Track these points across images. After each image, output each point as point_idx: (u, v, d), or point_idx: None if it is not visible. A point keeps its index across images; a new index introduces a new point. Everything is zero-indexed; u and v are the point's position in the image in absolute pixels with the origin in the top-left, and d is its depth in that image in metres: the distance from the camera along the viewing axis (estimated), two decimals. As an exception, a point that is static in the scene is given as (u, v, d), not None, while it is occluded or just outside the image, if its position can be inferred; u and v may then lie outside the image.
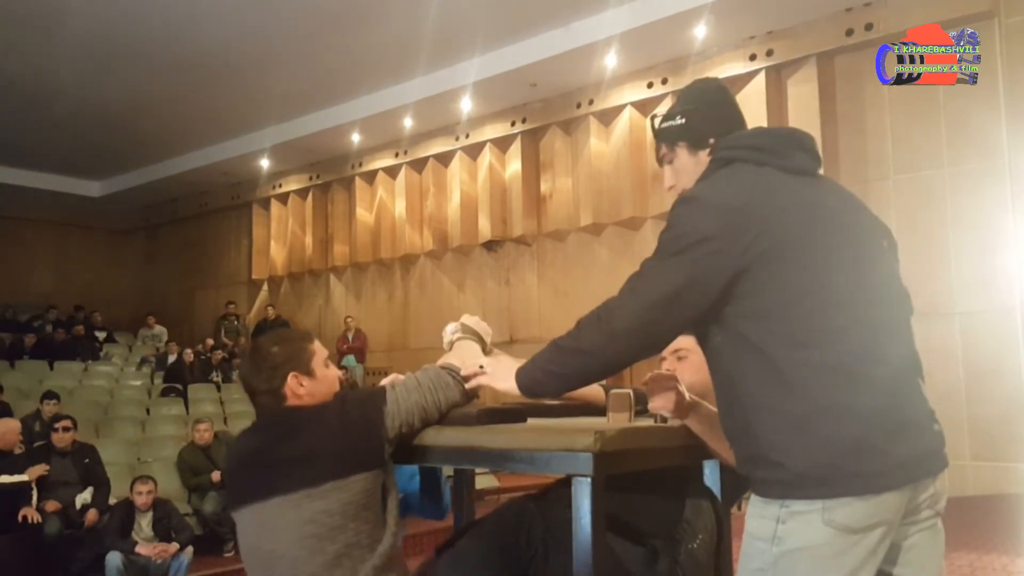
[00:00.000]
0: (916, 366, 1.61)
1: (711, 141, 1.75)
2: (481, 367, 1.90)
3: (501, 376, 1.84)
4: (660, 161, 1.87)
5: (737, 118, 1.78)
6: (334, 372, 2.03)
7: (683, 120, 1.79)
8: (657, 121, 1.88)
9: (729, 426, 1.66)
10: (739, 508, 1.68)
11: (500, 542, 1.96)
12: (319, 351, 2.01)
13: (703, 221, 1.56)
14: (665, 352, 2.34)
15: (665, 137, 1.83)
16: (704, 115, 1.77)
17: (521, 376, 1.78)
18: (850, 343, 1.52)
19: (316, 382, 1.96)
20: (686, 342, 2.29)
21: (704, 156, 1.75)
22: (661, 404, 1.87)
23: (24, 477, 5.78)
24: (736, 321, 1.58)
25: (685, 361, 2.22)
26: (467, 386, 1.92)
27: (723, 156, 1.69)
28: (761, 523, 1.54)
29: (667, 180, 1.85)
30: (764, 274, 1.53)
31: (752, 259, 1.53)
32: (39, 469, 5.80)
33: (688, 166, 1.79)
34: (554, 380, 1.75)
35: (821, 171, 1.71)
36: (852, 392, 1.49)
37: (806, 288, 1.53)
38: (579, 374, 1.74)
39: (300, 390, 1.93)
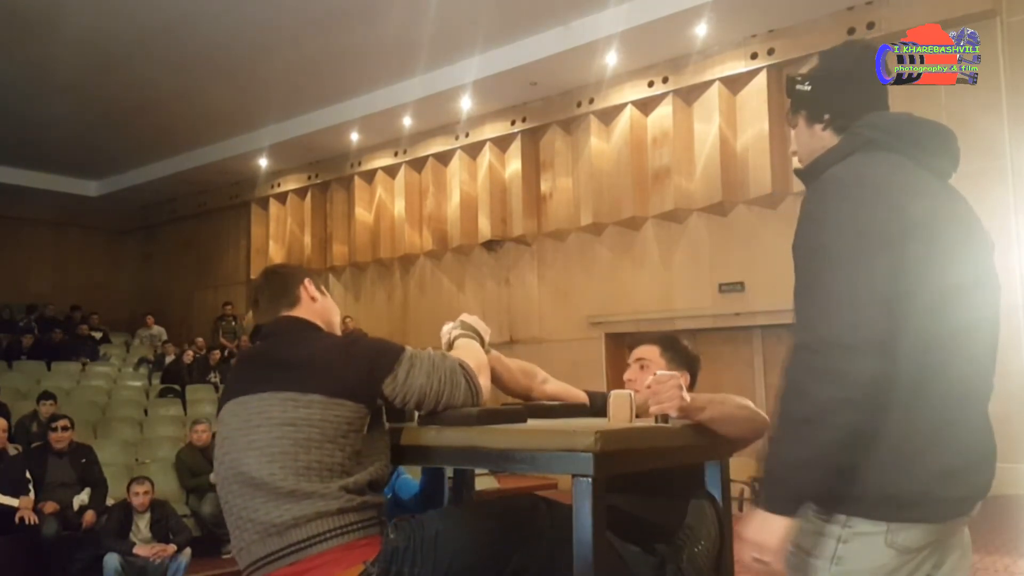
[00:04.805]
0: (990, 393, 1.58)
1: (826, 117, 1.63)
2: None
3: (761, 523, 1.47)
4: (787, 121, 1.74)
5: (868, 97, 1.63)
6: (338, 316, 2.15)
7: (809, 87, 1.66)
8: (795, 81, 1.72)
9: None
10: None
11: (504, 517, 1.93)
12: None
13: (854, 212, 1.44)
14: (630, 359, 2.34)
15: (791, 99, 1.70)
16: (830, 87, 1.64)
17: (773, 493, 1.45)
18: (959, 376, 1.48)
19: (326, 298, 2.08)
20: (648, 352, 2.30)
21: (819, 131, 1.64)
22: (668, 405, 1.85)
23: (15, 503, 5.76)
24: None
25: (647, 370, 2.22)
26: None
27: (862, 136, 1.56)
28: (819, 540, 1.49)
29: (791, 144, 1.73)
30: (901, 277, 1.44)
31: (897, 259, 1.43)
32: (29, 514, 5.76)
33: (803, 136, 1.68)
34: (811, 468, 1.42)
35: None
36: (953, 423, 1.46)
37: (931, 303, 1.46)
38: (834, 436, 1.40)
39: (315, 293, 2.04)
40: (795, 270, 1.52)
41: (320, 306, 2.05)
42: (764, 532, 1.44)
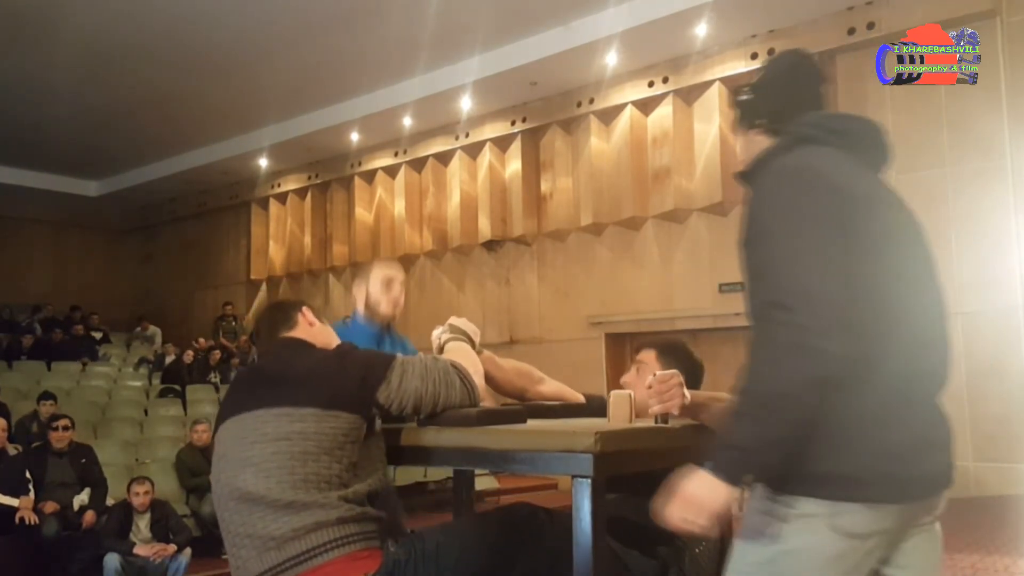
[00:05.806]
0: (945, 383, 1.58)
1: (759, 122, 1.67)
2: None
3: (707, 486, 1.42)
4: (732, 131, 1.80)
5: (801, 101, 1.66)
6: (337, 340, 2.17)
7: (748, 96, 1.70)
8: (737, 92, 1.77)
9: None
10: (739, 509, 1.64)
11: (503, 525, 1.94)
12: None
13: (801, 195, 1.46)
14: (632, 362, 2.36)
15: (734, 110, 1.75)
16: (764, 93, 1.69)
17: (731, 464, 1.41)
18: (906, 356, 1.49)
19: (325, 326, 2.14)
20: (644, 356, 2.32)
21: (754, 135, 1.68)
22: (671, 404, 1.85)
23: (15, 503, 5.76)
24: None
25: (643, 373, 2.23)
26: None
27: (802, 133, 1.59)
28: (763, 519, 1.49)
29: (738, 153, 1.77)
30: (852, 255, 1.46)
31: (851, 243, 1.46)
32: (29, 514, 5.76)
33: (742, 142, 1.72)
34: (778, 447, 1.40)
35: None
36: (900, 403, 1.47)
37: (880, 288, 1.48)
38: (802, 414, 1.39)
39: (312, 318, 2.09)
40: (747, 260, 1.51)
41: (318, 330, 2.08)
42: (708, 495, 1.40)
